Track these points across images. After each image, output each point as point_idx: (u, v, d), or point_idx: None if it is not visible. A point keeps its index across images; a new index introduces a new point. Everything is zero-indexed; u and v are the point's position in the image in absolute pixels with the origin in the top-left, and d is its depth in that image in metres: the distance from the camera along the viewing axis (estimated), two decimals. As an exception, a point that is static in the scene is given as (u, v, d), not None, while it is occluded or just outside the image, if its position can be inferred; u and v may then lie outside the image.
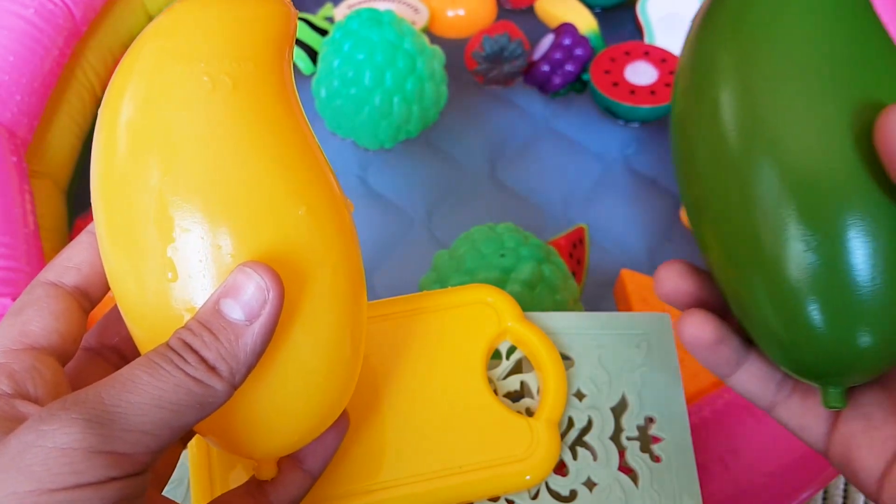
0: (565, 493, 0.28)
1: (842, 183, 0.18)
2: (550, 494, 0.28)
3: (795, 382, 0.22)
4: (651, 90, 0.62)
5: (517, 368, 0.30)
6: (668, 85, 0.62)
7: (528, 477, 0.27)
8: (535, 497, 0.28)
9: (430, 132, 0.64)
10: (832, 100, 0.18)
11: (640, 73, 0.63)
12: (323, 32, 0.66)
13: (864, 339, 0.18)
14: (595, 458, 0.28)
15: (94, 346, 0.22)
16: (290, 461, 0.24)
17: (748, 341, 0.22)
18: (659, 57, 0.63)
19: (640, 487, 0.28)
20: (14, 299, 0.44)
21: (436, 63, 0.60)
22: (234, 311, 0.18)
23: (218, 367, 0.18)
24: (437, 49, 0.60)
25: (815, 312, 0.19)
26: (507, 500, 0.28)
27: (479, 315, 0.30)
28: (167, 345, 0.18)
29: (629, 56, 0.64)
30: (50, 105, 0.57)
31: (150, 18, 0.69)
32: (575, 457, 0.29)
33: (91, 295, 0.21)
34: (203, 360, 0.18)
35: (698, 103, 0.21)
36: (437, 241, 0.59)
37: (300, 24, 0.66)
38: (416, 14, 0.67)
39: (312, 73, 0.64)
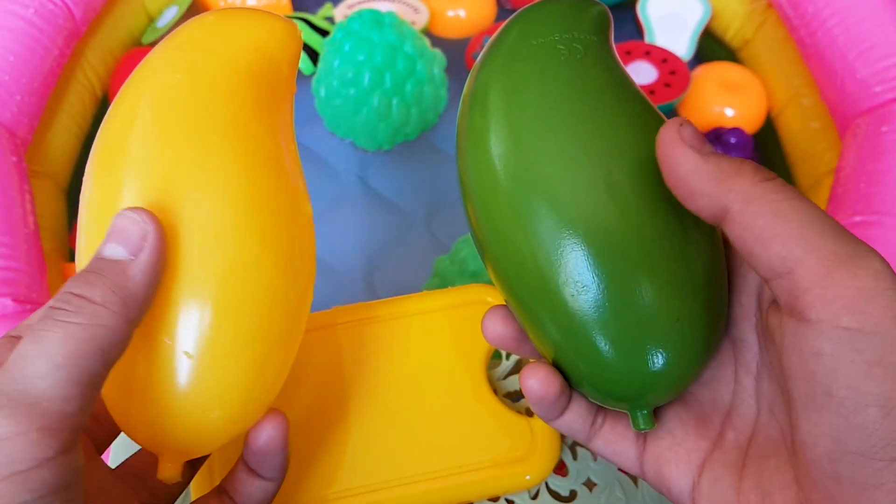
0: (565, 493, 0.28)
1: (604, 222, 0.19)
2: (550, 494, 0.28)
3: (605, 412, 0.22)
4: (651, 90, 0.62)
5: (517, 368, 0.30)
6: (667, 85, 0.62)
7: (528, 477, 0.27)
8: (535, 497, 0.28)
9: (430, 132, 0.64)
10: (584, 152, 0.19)
11: (640, 73, 0.63)
12: (323, 33, 0.66)
13: (656, 362, 0.19)
14: (595, 459, 0.28)
15: None
16: (243, 468, 0.23)
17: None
18: (660, 57, 0.64)
19: (640, 487, 0.28)
20: (14, 299, 0.44)
21: (436, 67, 0.60)
22: (117, 251, 0.18)
23: (107, 302, 0.17)
24: (437, 52, 0.60)
25: (604, 345, 0.19)
26: (507, 500, 0.28)
27: (479, 315, 0.30)
28: (48, 305, 0.17)
29: (630, 55, 0.64)
30: (50, 105, 0.57)
31: (151, 18, 0.69)
32: (575, 457, 0.29)
33: None
34: (89, 299, 0.17)
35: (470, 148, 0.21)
36: (437, 242, 0.59)
37: (300, 23, 0.66)
38: (417, 14, 0.67)
39: (313, 74, 0.64)
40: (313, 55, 0.65)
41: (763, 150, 0.65)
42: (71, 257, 0.57)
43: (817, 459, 0.16)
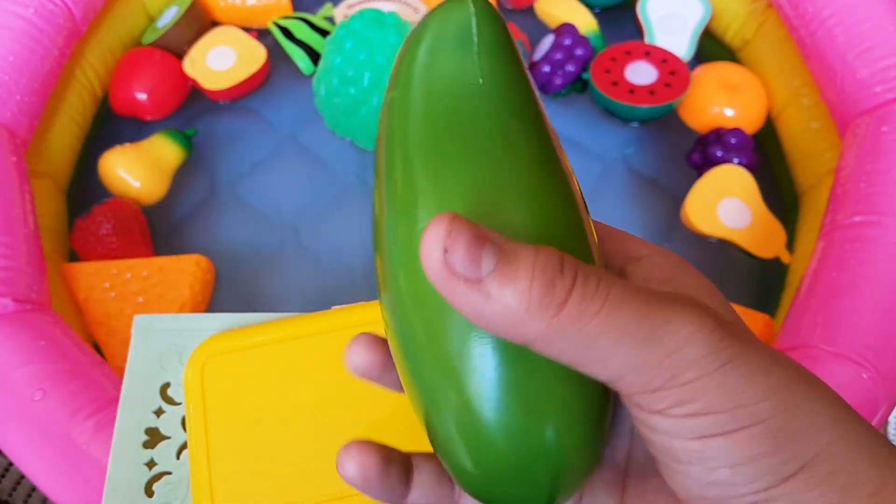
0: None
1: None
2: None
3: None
4: (650, 90, 0.62)
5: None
6: (667, 85, 0.62)
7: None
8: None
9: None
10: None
11: (640, 73, 0.63)
12: (323, 33, 0.66)
13: (542, 469, 0.17)
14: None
15: None
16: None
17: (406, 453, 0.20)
18: (660, 57, 0.64)
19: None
20: (14, 299, 0.44)
21: None
22: None
23: None
24: None
25: (495, 457, 0.17)
26: None
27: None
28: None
29: (630, 56, 0.64)
30: (50, 105, 0.57)
31: (151, 18, 0.69)
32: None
33: None
34: None
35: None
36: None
37: (300, 23, 0.66)
38: (416, 14, 0.67)
39: (313, 73, 0.64)
40: (314, 55, 0.65)
41: (763, 150, 0.65)
42: (71, 257, 0.57)
43: (688, 499, 0.17)
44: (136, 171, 0.58)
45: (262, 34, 0.69)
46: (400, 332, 0.18)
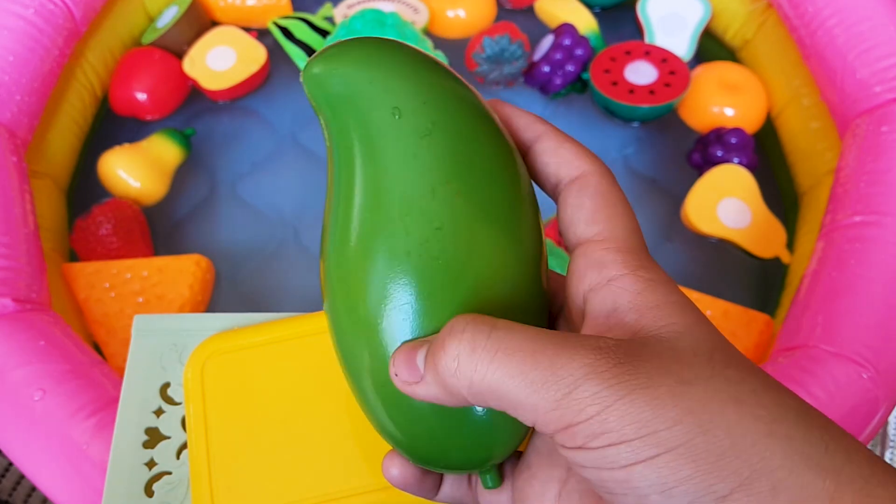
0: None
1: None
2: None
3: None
4: (650, 90, 0.62)
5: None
6: (667, 85, 0.62)
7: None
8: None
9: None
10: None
11: (640, 73, 0.63)
12: (323, 33, 0.66)
13: (487, 421, 0.20)
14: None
15: None
16: None
17: None
18: (660, 57, 0.64)
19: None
20: (14, 299, 0.44)
21: None
22: None
23: None
24: (438, 54, 0.60)
25: (436, 420, 0.20)
26: None
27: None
28: None
29: (630, 56, 0.64)
30: (50, 105, 0.57)
31: (151, 18, 0.69)
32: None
33: None
34: None
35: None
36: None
37: (300, 23, 0.66)
38: (416, 14, 0.67)
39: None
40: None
41: (763, 150, 0.65)
42: (71, 257, 0.57)
43: None
44: (136, 171, 0.58)
45: (262, 34, 0.69)
46: (341, 348, 0.21)
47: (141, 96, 0.62)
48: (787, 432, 0.16)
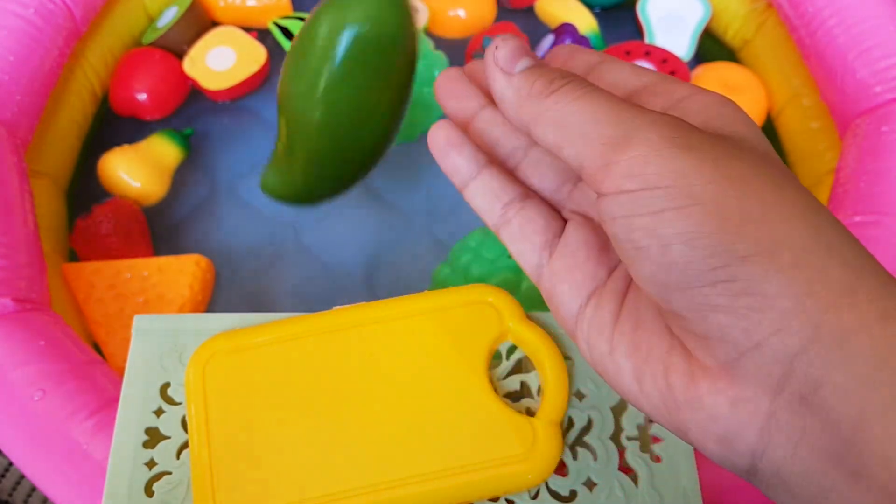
0: (565, 493, 0.28)
1: None
2: (550, 494, 0.28)
3: (519, 212, 0.23)
4: (651, 90, 0.62)
5: (517, 368, 0.30)
6: (667, 85, 0.62)
7: (528, 476, 0.27)
8: (535, 497, 0.28)
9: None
10: None
11: (640, 74, 0.63)
12: None
13: None
14: (595, 458, 0.28)
15: None
16: None
17: (483, 160, 0.24)
18: (660, 57, 0.64)
19: (640, 487, 0.28)
20: (14, 299, 0.44)
21: (436, 69, 0.60)
22: None
23: None
24: (439, 55, 0.60)
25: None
26: (507, 500, 0.28)
27: (481, 315, 0.30)
28: None
29: (630, 56, 0.64)
30: (50, 105, 0.57)
31: (151, 18, 0.69)
32: (575, 457, 0.29)
33: None
34: None
35: None
36: (437, 242, 0.59)
37: (300, 23, 0.66)
38: (416, 14, 0.67)
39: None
40: None
41: (763, 150, 0.65)
42: (71, 257, 0.57)
43: (654, 302, 0.18)
44: (137, 172, 0.58)
45: (262, 34, 0.69)
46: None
47: (141, 96, 0.62)
48: (819, 216, 0.16)
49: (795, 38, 0.61)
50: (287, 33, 0.66)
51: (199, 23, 0.67)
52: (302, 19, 0.66)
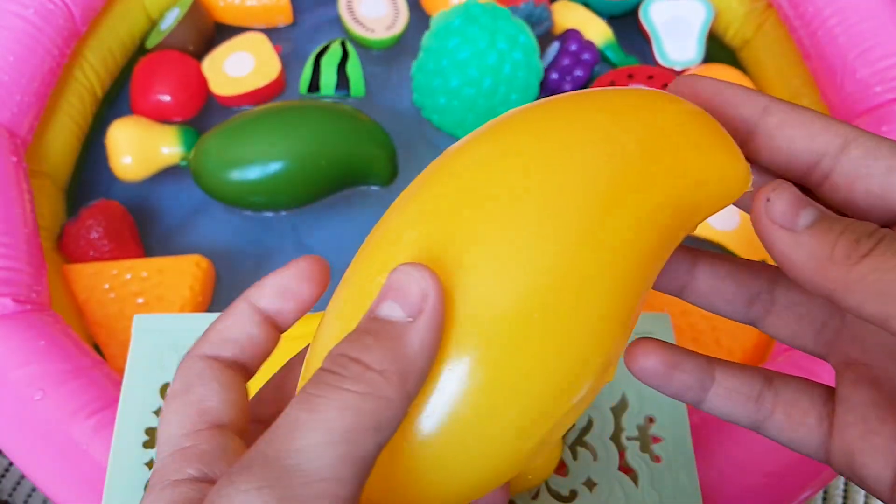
0: (565, 492, 0.28)
1: None
2: (550, 494, 0.28)
3: (775, 399, 0.20)
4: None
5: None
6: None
7: (529, 477, 0.27)
8: (535, 497, 0.28)
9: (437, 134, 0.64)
10: None
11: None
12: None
13: None
14: (595, 458, 0.28)
15: (264, 419, 0.20)
16: None
17: (706, 362, 0.21)
18: (661, 82, 0.62)
19: (640, 487, 0.28)
20: (14, 299, 0.44)
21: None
22: (394, 311, 0.16)
23: (385, 370, 0.15)
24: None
25: None
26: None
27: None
28: (321, 369, 0.15)
29: (632, 79, 0.63)
30: (50, 105, 0.57)
31: (150, 19, 0.69)
32: (575, 457, 0.29)
33: (249, 368, 0.20)
34: (367, 366, 0.15)
35: None
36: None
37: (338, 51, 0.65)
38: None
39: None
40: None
41: (763, 150, 0.65)
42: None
43: None
44: (130, 146, 0.57)
45: (286, 49, 0.68)
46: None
47: (164, 98, 0.61)
48: None
49: (795, 38, 0.61)
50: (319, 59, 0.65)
51: (201, 24, 0.67)
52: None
